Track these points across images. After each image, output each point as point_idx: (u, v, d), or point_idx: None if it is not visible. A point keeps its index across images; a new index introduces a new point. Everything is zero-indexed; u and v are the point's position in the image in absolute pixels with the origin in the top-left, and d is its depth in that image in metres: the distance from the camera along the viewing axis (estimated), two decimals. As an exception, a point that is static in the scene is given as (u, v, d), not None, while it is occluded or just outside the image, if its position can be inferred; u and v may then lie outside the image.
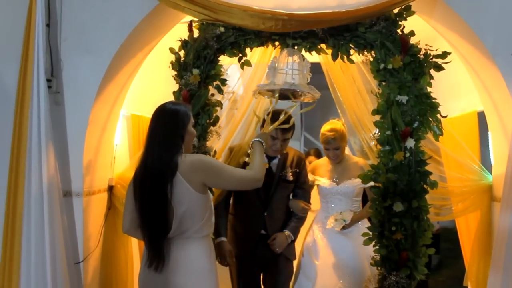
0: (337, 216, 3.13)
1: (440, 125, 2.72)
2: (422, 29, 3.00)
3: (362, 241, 2.90)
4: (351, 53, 2.85)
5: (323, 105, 3.63)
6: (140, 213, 2.21)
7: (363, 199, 3.34)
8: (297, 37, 2.82)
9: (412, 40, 2.76)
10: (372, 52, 2.80)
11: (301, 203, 3.08)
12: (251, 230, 3.05)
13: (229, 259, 2.97)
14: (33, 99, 2.71)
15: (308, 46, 2.85)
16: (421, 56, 2.72)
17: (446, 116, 2.80)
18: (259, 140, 2.48)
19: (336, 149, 3.20)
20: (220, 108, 2.93)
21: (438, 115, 2.72)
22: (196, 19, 2.88)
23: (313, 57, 3.03)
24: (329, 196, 3.24)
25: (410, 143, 2.69)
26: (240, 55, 2.93)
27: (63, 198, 2.82)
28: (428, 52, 2.73)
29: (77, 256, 2.89)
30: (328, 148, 3.22)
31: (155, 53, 3.25)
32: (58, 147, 2.82)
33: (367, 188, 3.15)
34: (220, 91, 2.92)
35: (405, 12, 2.75)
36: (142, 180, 2.20)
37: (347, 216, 3.12)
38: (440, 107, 2.85)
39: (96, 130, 2.98)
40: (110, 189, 3.17)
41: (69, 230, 2.85)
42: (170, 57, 3.02)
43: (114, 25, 2.86)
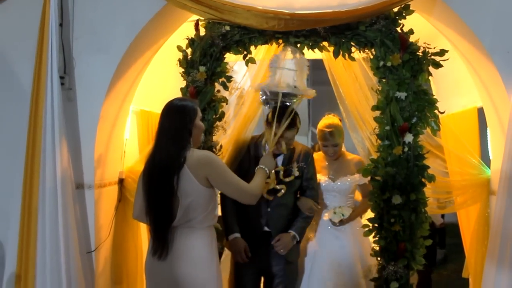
0: (336, 210, 3.13)
1: (438, 121, 2.84)
2: (424, 27, 3.12)
3: (354, 239, 3.04)
4: (352, 51, 2.98)
5: (330, 100, 3.66)
6: (147, 203, 2.34)
7: None
8: (300, 36, 2.95)
9: (412, 38, 2.88)
10: (372, 50, 2.93)
11: (310, 202, 2.99)
12: (254, 227, 2.96)
13: (245, 255, 2.89)
14: (47, 96, 2.88)
15: (311, 44, 2.99)
16: (420, 54, 2.85)
17: (444, 112, 2.92)
18: (262, 168, 2.56)
19: (335, 146, 3.16)
20: (226, 104, 3.08)
21: (436, 111, 2.85)
22: (203, 19, 3.02)
23: (316, 54, 3.16)
24: (324, 193, 3.21)
25: (409, 138, 2.82)
26: (245, 53, 3.07)
27: (76, 191, 2.99)
28: (427, 50, 2.85)
29: (89, 246, 3.05)
30: (327, 145, 3.17)
31: (163, 51, 3.40)
32: (71, 142, 2.98)
33: (361, 186, 3.21)
34: (226, 88, 3.06)
35: (404, 11, 2.87)
36: (151, 172, 2.34)
37: (346, 212, 3.11)
38: (442, 103, 2.97)
39: (107, 125, 3.14)
40: (121, 182, 3.33)
41: (82, 221, 3.01)
42: (177, 55, 3.16)
43: (124, 25, 3.01)
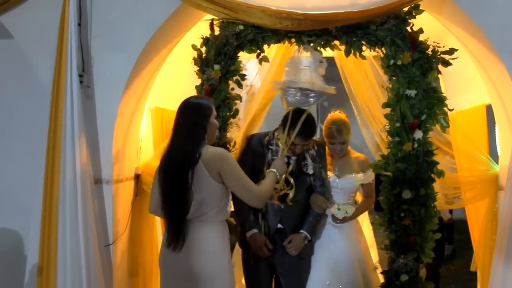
0: (340, 206, 3.13)
1: (447, 118, 2.94)
2: (434, 26, 3.21)
3: (352, 237, 3.13)
4: (363, 50, 3.08)
5: (339, 97, 3.72)
6: (163, 197, 2.45)
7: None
8: (312, 35, 3.06)
9: (421, 37, 2.99)
10: (383, 49, 3.03)
11: (321, 200, 3.03)
12: (268, 224, 3.01)
13: (266, 250, 2.94)
14: (67, 94, 3.01)
15: (322, 43, 3.10)
16: (429, 53, 2.96)
17: (453, 109, 3.03)
18: (273, 172, 2.58)
19: (342, 143, 3.16)
20: (240, 102, 3.19)
21: (445, 108, 2.95)
22: (217, 18, 3.14)
23: (327, 52, 3.26)
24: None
25: (418, 135, 2.93)
26: (258, 52, 3.18)
27: (94, 186, 3.11)
28: (436, 49, 2.95)
29: (107, 239, 3.18)
30: (334, 142, 3.15)
31: (177, 49, 3.51)
32: (89, 138, 3.10)
33: (364, 185, 3.25)
34: (240, 86, 3.18)
35: (414, 11, 2.97)
36: (167, 168, 2.45)
37: (350, 210, 3.12)
38: (451, 100, 3.08)
39: (124, 122, 3.26)
40: (137, 177, 3.45)
41: (100, 215, 3.14)
42: (191, 53, 3.29)
43: (141, 24, 3.12)
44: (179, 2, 3.05)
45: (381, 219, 3.02)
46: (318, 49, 3.09)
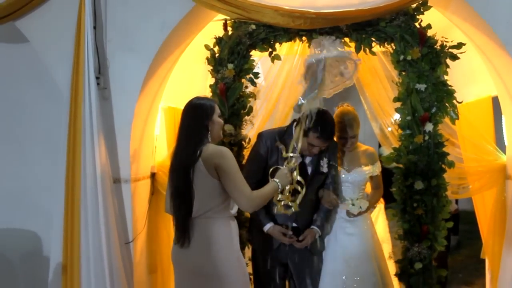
0: (355, 201, 3.15)
1: (456, 110, 3.08)
2: (439, 20, 3.34)
3: (366, 231, 3.17)
4: (373, 46, 3.21)
5: (343, 91, 3.90)
6: (171, 197, 2.58)
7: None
8: (323, 33, 3.18)
9: (429, 33, 3.12)
10: (392, 45, 3.16)
11: (331, 196, 3.05)
12: (282, 223, 3.00)
13: (288, 237, 2.96)
14: (85, 96, 3.11)
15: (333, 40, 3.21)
16: (438, 47, 3.09)
17: (462, 102, 3.16)
18: (276, 182, 2.58)
19: (352, 138, 3.18)
20: (254, 99, 3.31)
21: (454, 101, 3.09)
22: (230, 18, 3.25)
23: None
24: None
25: (429, 127, 3.06)
26: (270, 50, 3.30)
27: (113, 185, 3.22)
28: (444, 43, 3.08)
29: (127, 237, 3.30)
30: (345, 137, 3.17)
31: (188, 49, 3.62)
32: (108, 139, 3.21)
33: (373, 177, 3.27)
34: (253, 84, 3.31)
35: (422, 7, 3.10)
36: (173, 169, 2.58)
37: (364, 205, 3.14)
38: (457, 93, 3.21)
39: (140, 122, 3.38)
40: (153, 176, 3.57)
41: (120, 214, 3.26)
42: (202, 53, 3.40)
43: (155, 26, 3.22)
44: (193, 3, 3.16)
45: (395, 210, 3.14)
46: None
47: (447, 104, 3.08)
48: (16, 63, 3.64)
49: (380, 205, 4.05)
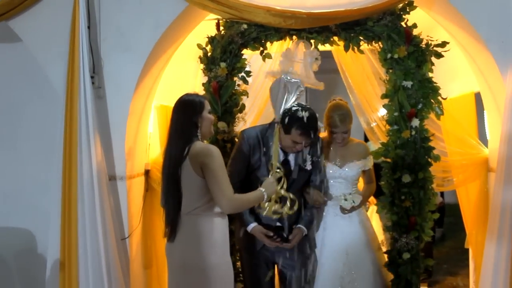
0: (347, 196, 3.16)
1: (441, 106, 3.25)
2: (424, 19, 3.50)
3: (361, 226, 3.22)
4: (361, 44, 3.36)
5: (329, 87, 3.94)
6: (162, 193, 2.66)
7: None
8: (313, 32, 3.33)
9: (415, 32, 3.28)
10: (380, 43, 3.31)
11: (316, 194, 3.01)
12: (266, 223, 2.95)
13: (271, 239, 2.91)
14: (80, 95, 3.19)
15: (323, 39, 3.36)
16: (423, 46, 3.25)
17: (446, 98, 3.33)
18: (261, 191, 2.58)
19: (345, 132, 3.18)
20: (247, 97, 3.44)
21: (439, 97, 3.26)
22: (222, 18, 3.36)
23: (325, 46, 3.52)
24: (331, 180, 3.23)
25: (415, 123, 3.23)
26: (262, 49, 3.43)
27: (109, 182, 3.32)
28: (429, 42, 3.25)
29: (123, 233, 3.40)
30: (336, 132, 3.17)
31: (180, 48, 3.72)
32: (103, 137, 3.30)
33: (366, 172, 3.30)
34: (246, 82, 3.43)
35: (408, 7, 3.26)
36: (164, 165, 2.65)
37: (357, 199, 3.16)
38: (442, 89, 3.37)
39: (134, 120, 3.48)
40: (147, 173, 3.68)
41: (115, 210, 3.36)
42: (194, 51, 3.51)
43: (149, 26, 3.32)
44: (186, 4, 3.26)
45: (383, 202, 3.30)
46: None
47: (433, 101, 3.25)
48: (9, 63, 3.71)
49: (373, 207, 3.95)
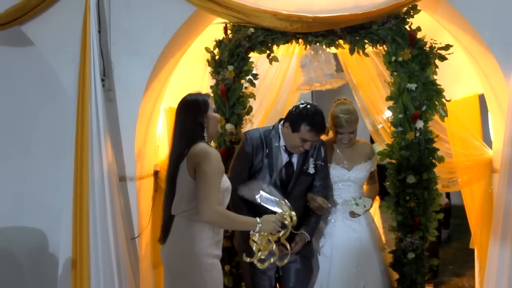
0: (358, 201, 3.07)
1: (445, 108, 3.34)
2: (428, 22, 3.59)
3: (370, 229, 3.21)
4: (366, 47, 3.45)
5: (337, 88, 4.07)
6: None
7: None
8: (319, 35, 3.42)
9: (419, 35, 3.37)
10: (384, 46, 3.40)
11: (319, 200, 2.94)
12: None
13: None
14: (91, 98, 3.30)
15: (328, 43, 3.45)
16: (427, 49, 3.35)
17: (450, 100, 3.42)
18: (256, 222, 2.44)
19: (351, 133, 3.15)
20: (254, 100, 3.54)
21: (443, 99, 3.36)
22: (229, 22, 3.47)
23: (331, 49, 3.64)
24: (339, 184, 3.19)
25: (420, 124, 3.32)
26: (268, 52, 3.53)
27: (119, 183, 3.43)
28: (433, 45, 3.34)
29: (133, 233, 3.50)
30: (343, 132, 3.14)
31: (188, 51, 3.83)
32: (113, 138, 3.41)
33: (371, 172, 3.28)
34: (253, 84, 3.54)
35: (412, 11, 3.35)
36: (167, 167, 2.67)
37: (368, 203, 3.09)
38: (446, 91, 3.47)
39: (144, 122, 3.58)
40: (156, 174, 3.78)
41: (125, 210, 3.47)
42: (201, 54, 3.61)
43: (158, 30, 3.43)
44: (194, 8, 3.36)
45: (388, 203, 3.39)
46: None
47: (436, 102, 3.34)
48: (22, 66, 3.82)
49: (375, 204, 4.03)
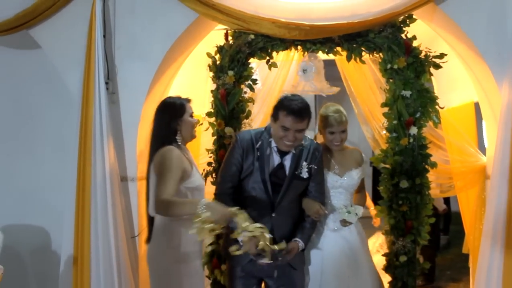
0: (350, 209, 3.03)
1: (438, 115, 3.45)
2: (425, 31, 3.71)
3: (360, 237, 3.19)
4: (363, 55, 3.57)
5: (336, 95, 4.18)
6: None
7: None
8: (317, 43, 3.54)
9: (414, 43, 3.48)
10: (381, 54, 3.52)
11: (316, 205, 2.85)
12: None
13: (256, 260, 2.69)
14: (95, 100, 3.44)
15: (326, 50, 3.57)
16: (422, 57, 3.46)
17: (444, 107, 3.53)
18: (203, 203, 2.37)
19: (343, 132, 3.12)
20: (253, 104, 3.67)
21: (437, 107, 3.47)
22: (230, 28, 3.60)
23: (329, 56, 3.75)
24: (330, 191, 3.12)
25: (414, 131, 3.43)
26: (268, 58, 3.65)
27: (121, 183, 3.56)
28: (428, 54, 3.46)
29: (133, 232, 3.62)
30: (334, 131, 3.10)
31: (191, 56, 3.97)
32: (116, 140, 3.54)
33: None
34: (252, 89, 3.66)
35: (408, 20, 3.47)
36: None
37: (359, 211, 3.05)
38: (442, 99, 3.58)
39: (146, 124, 3.68)
40: (156, 175, 3.91)
41: (126, 210, 3.59)
42: (204, 59, 3.74)
43: (161, 35, 3.56)
44: (196, 14, 3.50)
45: (382, 207, 3.50)
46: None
47: (430, 110, 3.45)
48: (29, 69, 3.96)
49: None
